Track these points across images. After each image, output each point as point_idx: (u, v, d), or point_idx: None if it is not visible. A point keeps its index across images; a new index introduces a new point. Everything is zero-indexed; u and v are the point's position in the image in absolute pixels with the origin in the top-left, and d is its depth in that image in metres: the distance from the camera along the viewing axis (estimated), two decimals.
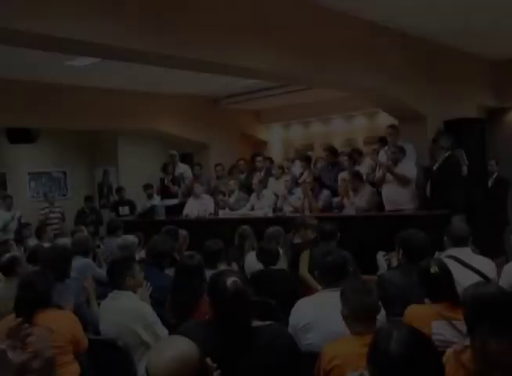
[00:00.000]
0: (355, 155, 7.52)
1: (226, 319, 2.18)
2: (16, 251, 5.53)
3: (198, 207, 8.02)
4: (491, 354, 1.87)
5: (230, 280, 2.21)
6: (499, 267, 3.80)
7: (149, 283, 3.70)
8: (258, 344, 2.18)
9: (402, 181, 6.25)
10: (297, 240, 5.34)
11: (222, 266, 4.51)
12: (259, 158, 8.81)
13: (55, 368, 1.80)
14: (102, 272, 4.75)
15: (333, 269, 3.07)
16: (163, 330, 3.40)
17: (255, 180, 7.77)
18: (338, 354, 2.33)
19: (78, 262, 4.70)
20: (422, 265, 2.97)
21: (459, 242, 3.87)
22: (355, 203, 6.46)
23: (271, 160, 9.14)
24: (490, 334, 1.91)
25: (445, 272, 2.88)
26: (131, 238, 5.23)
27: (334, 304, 2.92)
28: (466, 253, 3.79)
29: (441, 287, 2.81)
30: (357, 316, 2.45)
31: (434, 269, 2.82)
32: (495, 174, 7.45)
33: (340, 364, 2.29)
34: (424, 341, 1.62)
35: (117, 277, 3.53)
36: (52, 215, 9.57)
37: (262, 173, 8.49)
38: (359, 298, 2.44)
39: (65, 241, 5.55)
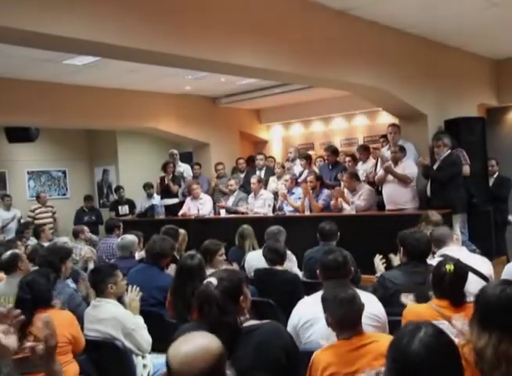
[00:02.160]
0: (361, 151, 7.57)
1: (201, 319, 2.18)
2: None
3: (194, 207, 8.00)
4: (473, 345, 1.87)
5: (207, 281, 2.21)
6: (500, 266, 3.81)
7: (137, 288, 3.70)
8: (251, 344, 2.16)
9: (403, 181, 6.24)
10: None
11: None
12: (260, 156, 8.78)
13: (56, 359, 1.80)
14: None
15: (334, 268, 3.09)
16: (144, 337, 3.43)
17: (253, 180, 7.74)
18: (331, 362, 2.35)
19: None
20: (440, 261, 2.95)
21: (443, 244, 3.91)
22: (354, 202, 6.44)
23: (274, 160, 9.15)
24: (475, 326, 1.91)
25: (458, 274, 2.83)
26: (131, 237, 5.22)
27: None
28: (462, 252, 3.81)
29: (446, 285, 2.78)
30: (341, 326, 2.47)
31: (449, 266, 2.80)
32: (496, 173, 7.43)
33: (335, 372, 2.32)
34: (449, 345, 1.59)
35: (99, 285, 3.54)
36: (44, 215, 9.55)
37: (262, 172, 8.48)
38: (342, 310, 2.44)
39: (64, 240, 5.54)
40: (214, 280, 2.20)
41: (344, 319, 2.45)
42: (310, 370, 2.41)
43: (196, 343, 1.63)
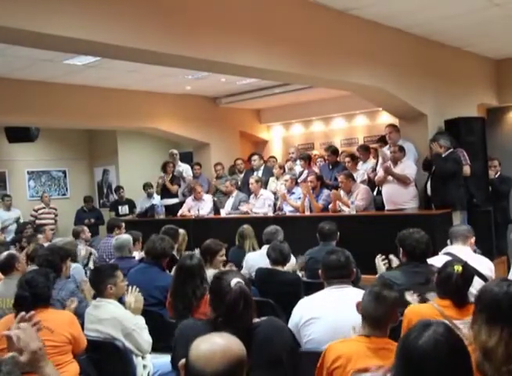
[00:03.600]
0: (362, 151, 7.62)
1: (229, 320, 2.19)
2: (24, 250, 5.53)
3: (195, 207, 7.99)
4: (481, 345, 1.87)
5: (234, 282, 2.23)
6: (501, 266, 3.81)
7: (137, 289, 3.69)
8: (257, 340, 2.20)
9: (403, 181, 6.23)
10: None
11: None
12: (255, 157, 8.79)
13: (47, 358, 1.79)
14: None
15: (336, 268, 3.08)
16: (144, 338, 3.42)
17: (251, 180, 7.74)
18: (343, 354, 2.32)
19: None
20: (448, 261, 2.94)
21: (457, 240, 3.89)
22: (354, 203, 6.43)
23: (276, 160, 9.15)
24: (483, 326, 1.90)
25: (465, 276, 2.82)
26: (125, 237, 5.25)
27: (336, 301, 2.94)
28: (464, 251, 3.81)
29: (451, 286, 2.76)
30: (364, 319, 2.45)
31: (458, 268, 2.79)
32: (498, 173, 7.43)
33: (344, 364, 2.29)
34: (458, 344, 1.57)
35: (98, 285, 3.54)
36: (46, 216, 9.58)
37: (259, 172, 8.48)
38: (367, 305, 2.43)
39: (65, 239, 5.54)
40: (242, 281, 2.24)
41: (366, 313, 2.42)
42: (322, 359, 2.38)
43: (218, 342, 1.59)
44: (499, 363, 1.81)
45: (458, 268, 2.80)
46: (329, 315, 2.89)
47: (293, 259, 5.05)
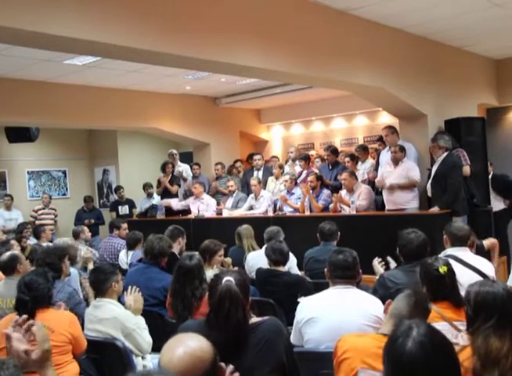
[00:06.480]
0: (360, 151, 7.64)
1: (217, 318, 2.20)
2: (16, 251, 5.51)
3: (199, 207, 7.98)
4: (491, 352, 1.86)
5: (224, 280, 2.23)
6: (500, 267, 3.80)
7: (138, 288, 3.69)
8: (257, 342, 2.21)
9: (409, 187, 6.22)
10: None
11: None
12: (258, 156, 8.78)
13: (51, 361, 1.82)
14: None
15: (342, 268, 3.05)
16: (145, 338, 3.42)
17: (253, 181, 7.74)
18: (352, 347, 2.25)
19: None
20: (428, 265, 2.92)
21: (460, 242, 3.87)
22: (354, 202, 6.43)
23: (278, 159, 9.15)
24: (493, 332, 1.90)
25: (452, 272, 2.85)
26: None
27: (338, 301, 2.93)
28: (464, 253, 3.79)
29: (446, 288, 2.77)
30: (393, 320, 2.33)
31: (443, 268, 2.79)
32: (491, 173, 7.43)
33: (352, 357, 2.22)
34: (442, 342, 1.58)
35: (102, 284, 3.50)
36: (46, 217, 9.59)
37: (260, 172, 8.48)
38: (404, 308, 2.33)
39: (65, 240, 5.54)
40: (232, 279, 2.23)
41: (395, 313, 2.32)
42: (335, 349, 2.32)
43: (188, 350, 1.59)
44: (508, 368, 1.80)
45: (444, 268, 2.80)
46: (330, 315, 2.88)
47: (293, 259, 5.05)
